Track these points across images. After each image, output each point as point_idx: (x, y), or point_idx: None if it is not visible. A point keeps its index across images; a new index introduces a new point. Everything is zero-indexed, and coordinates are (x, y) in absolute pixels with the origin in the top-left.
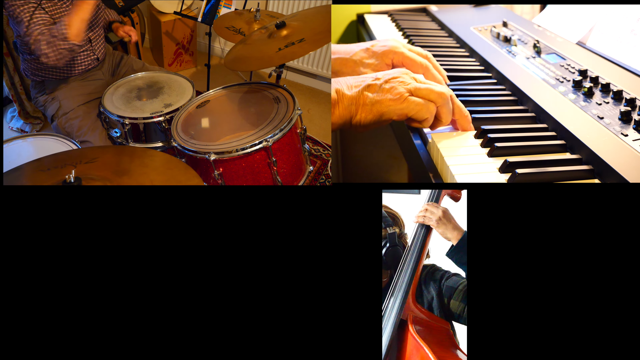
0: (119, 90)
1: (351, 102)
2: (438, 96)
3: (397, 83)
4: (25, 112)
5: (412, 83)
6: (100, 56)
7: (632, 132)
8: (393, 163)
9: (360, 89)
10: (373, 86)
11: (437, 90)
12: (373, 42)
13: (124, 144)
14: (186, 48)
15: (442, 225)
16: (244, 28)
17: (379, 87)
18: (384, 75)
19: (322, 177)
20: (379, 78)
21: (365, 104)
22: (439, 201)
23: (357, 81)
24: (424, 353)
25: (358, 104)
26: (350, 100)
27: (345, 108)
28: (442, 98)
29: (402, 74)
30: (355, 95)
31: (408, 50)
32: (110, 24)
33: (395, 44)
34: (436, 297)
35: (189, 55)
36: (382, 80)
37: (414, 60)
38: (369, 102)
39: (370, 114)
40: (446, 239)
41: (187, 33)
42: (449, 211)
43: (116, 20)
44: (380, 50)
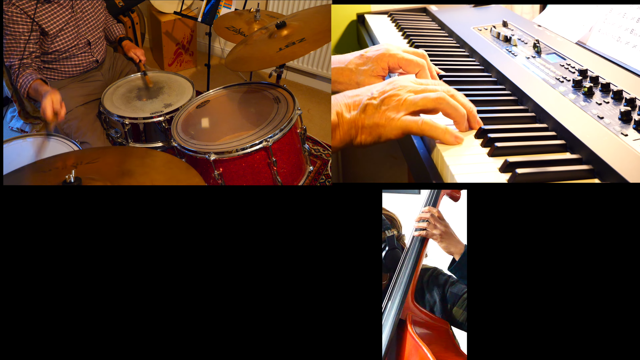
0: (119, 90)
1: (351, 126)
2: (435, 102)
3: (394, 102)
4: (25, 112)
5: (408, 97)
6: (100, 58)
7: (632, 132)
8: (393, 163)
9: (358, 112)
10: (370, 107)
11: (433, 97)
12: (367, 49)
13: (124, 144)
14: (186, 48)
15: (446, 240)
16: (244, 28)
17: (375, 108)
18: (380, 94)
19: (322, 177)
20: (375, 97)
21: (365, 127)
22: (438, 201)
23: (354, 100)
24: (422, 353)
25: (357, 127)
26: (349, 124)
27: (345, 132)
28: (440, 102)
29: (398, 90)
30: (353, 118)
31: (402, 51)
32: (121, 40)
33: (388, 46)
34: (439, 302)
35: (189, 55)
36: (379, 100)
37: (410, 60)
38: (367, 126)
39: (369, 137)
40: (449, 253)
41: (187, 33)
42: (449, 225)
43: (127, 38)
44: (374, 55)
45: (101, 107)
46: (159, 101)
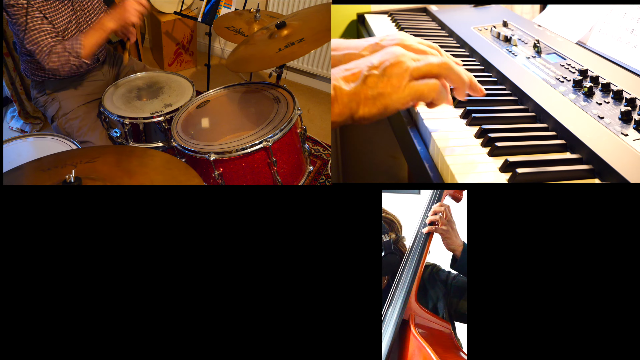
0: (119, 90)
1: (351, 99)
2: (440, 67)
3: (396, 70)
4: (25, 112)
5: (411, 64)
6: (101, 57)
7: (632, 131)
8: (393, 163)
9: (359, 83)
10: (371, 77)
11: (437, 62)
12: (382, 37)
13: (124, 144)
14: (186, 48)
15: (451, 237)
16: (244, 28)
17: (378, 79)
18: (380, 63)
19: (322, 177)
20: (375, 66)
21: (367, 98)
22: (441, 201)
23: (353, 71)
24: (426, 353)
25: (359, 99)
26: (349, 96)
27: (345, 105)
28: (445, 67)
29: (399, 58)
30: (353, 90)
31: (418, 42)
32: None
33: (404, 37)
34: (443, 298)
35: (189, 55)
36: (380, 70)
37: (425, 51)
38: (370, 97)
39: (374, 108)
40: (451, 250)
41: (187, 33)
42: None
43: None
44: (390, 44)
45: (101, 107)
46: (159, 101)
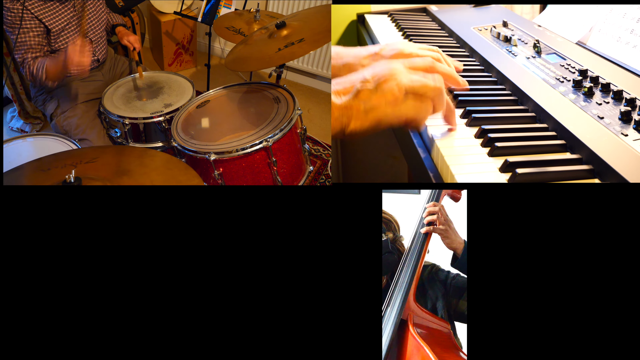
0: (119, 90)
1: (342, 113)
2: (434, 91)
3: (390, 84)
4: (25, 112)
5: (405, 80)
6: (101, 58)
7: (632, 132)
8: (393, 163)
9: (351, 97)
10: (364, 92)
11: (432, 85)
12: (381, 47)
13: (124, 144)
14: (186, 48)
15: (450, 236)
16: (244, 28)
17: (371, 93)
18: (373, 77)
19: (322, 177)
20: (368, 80)
21: (359, 112)
22: (439, 201)
23: (345, 86)
24: (424, 353)
25: (350, 114)
26: (340, 110)
27: (335, 119)
28: (438, 93)
29: (393, 73)
30: (345, 104)
31: (419, 49)
32: (114, 27)
33: (404, 46)
34: (442, 297)
35: (189, 55)
36: (374, 84)
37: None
38: (362, 110)
39: (366, 122)
40: (452, 249)
41: (187, 33)
42: (452, 221)
43: (120, 24)
44: (389, 54)
45: (101, 107)
46: (159, 101)
